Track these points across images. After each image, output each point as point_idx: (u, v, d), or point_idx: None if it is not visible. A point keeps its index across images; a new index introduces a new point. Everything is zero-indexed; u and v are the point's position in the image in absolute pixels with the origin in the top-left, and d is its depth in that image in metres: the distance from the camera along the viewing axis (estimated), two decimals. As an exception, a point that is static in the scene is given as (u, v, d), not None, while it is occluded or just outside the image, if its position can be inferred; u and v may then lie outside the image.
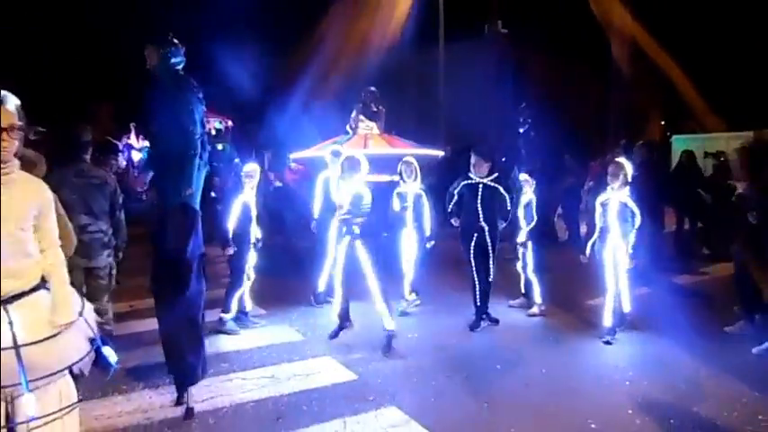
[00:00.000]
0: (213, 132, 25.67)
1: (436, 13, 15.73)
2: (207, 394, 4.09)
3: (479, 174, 5.64)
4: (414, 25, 18.08)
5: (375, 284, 5.06)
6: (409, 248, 6.26)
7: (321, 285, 6.31)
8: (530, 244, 6.06)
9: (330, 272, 5.92)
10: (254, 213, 5.68)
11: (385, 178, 6.87)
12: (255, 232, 5.70)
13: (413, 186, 6.26)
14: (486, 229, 5.57)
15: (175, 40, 3.94)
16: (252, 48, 21.27)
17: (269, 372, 4.55)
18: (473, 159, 5.68)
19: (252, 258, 5.69)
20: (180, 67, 3.98)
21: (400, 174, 6.30)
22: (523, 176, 6.27)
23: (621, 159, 5.45)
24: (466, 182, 5.70)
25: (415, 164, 6.32)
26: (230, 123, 26.42)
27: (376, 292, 5.06)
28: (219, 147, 16.38)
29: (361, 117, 9.55)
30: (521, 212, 6.09)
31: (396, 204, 6.26)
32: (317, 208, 6.51)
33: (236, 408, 3.95)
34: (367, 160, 5.42)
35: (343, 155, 6.40)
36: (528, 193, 6.16)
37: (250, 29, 21.04)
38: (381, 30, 17.45)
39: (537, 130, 9.39)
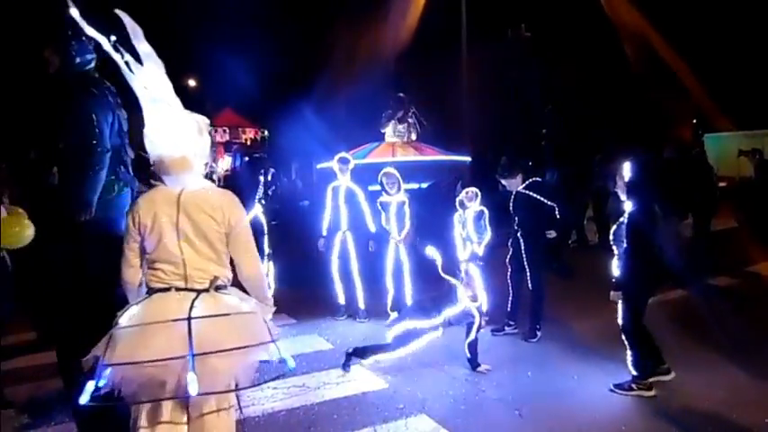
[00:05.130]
0: (248, 143, 26.10)
1: (458, 17, 15.72)
2: (238, 404, 4.14)
3: (513, 186, 5.55)
4: (436, 30, 18.10)
5: None
6: (393, 262, 6.14)
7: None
8: (480, 262, 5.74)
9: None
10: (265, 227, 5.84)
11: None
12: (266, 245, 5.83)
13: (396, 197, 6.12)
14: (521, 238, 5.46)
15: (81, 34, 3.11)
16: (279, 59, 21.61)
17: (299, 381, 4.58)
18: (504, 183, 5.61)
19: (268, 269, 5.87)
20: (91, 66, 3.34)
21: (381, 184, 6.14)
22: (462, 194, 6.01)
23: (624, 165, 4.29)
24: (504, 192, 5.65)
25: (397, 174, 6.17)
26: (267, 133, 26.74)
27: None
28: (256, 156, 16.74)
29: (392, 123, 9.64)
30: (470, 227, 5.82)
31: (383, 217, 6.15)
32: (325, 223, 6.25)
33: (268, 417, 3.99)
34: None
35: (351, 162, 6.34)
36: (474, 207, 5.87)
37: (275, 40, 21.35)
38: (403, 36, 17.52)
39: (563, 134, 9.29)
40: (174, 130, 2.45)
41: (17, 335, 5.49)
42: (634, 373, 4.21)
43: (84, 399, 2.22)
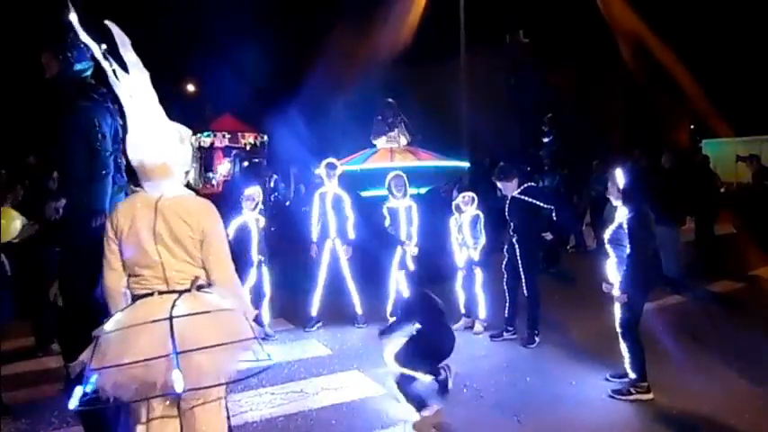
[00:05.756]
0: (248, 148, 26.01)
1: (457, 23, 15.77)
2: (236, 409, 4.12)
3: (508, 191, 5.54)
4: (434, 36, 18.17)
5: None
6: (400, 266, 6.00)
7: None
8: (477, 267, 5.79)
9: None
10: (255, 235, 5.70)
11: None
12: (257, 253, 5.71)
13: (403, 201, 6.09)
14: (516, 244, 5.45)
15: (79, 42, 3.12)
16: (278, 63, 21.66)
17: (298, 386, 4.58)
18: (500, 185, 5.61)
19: (261, 276, 5.76)
20: (87, 73, 3.36)
21: (389, 188, 6.09)
22: (459, 198, 5.91)
23: (617, 171, 4.33)
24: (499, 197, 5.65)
25: (405, 177, 6.12)
26: (266, 138, 26.64)
27: None
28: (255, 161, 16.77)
29: (382, 137, 9.68)
30: (467, 231, 5.77)
31: (387, 221, 6.10)
32: (315, 230, 6.16)
33: (266, 422, 3.98)
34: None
35: (339, 168, 6.27)
36: (470, 211, 5.79)
37: (275, 45, 21.42)
38: (402, 41, 17.57)
39: (562, 140, 9.29)
40: (157, 138, 2.51)
41: (15, 340, 5.48)
42: (632, 375, 4.22)
43: (72, 404, 2.25)
